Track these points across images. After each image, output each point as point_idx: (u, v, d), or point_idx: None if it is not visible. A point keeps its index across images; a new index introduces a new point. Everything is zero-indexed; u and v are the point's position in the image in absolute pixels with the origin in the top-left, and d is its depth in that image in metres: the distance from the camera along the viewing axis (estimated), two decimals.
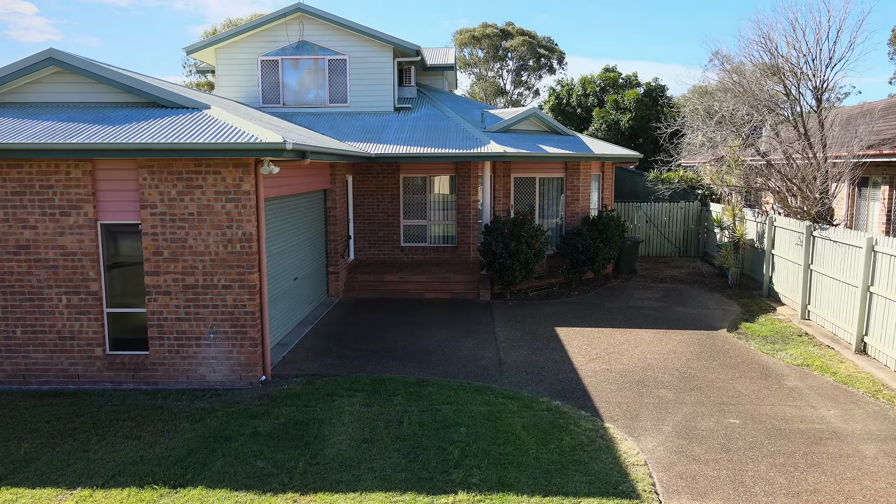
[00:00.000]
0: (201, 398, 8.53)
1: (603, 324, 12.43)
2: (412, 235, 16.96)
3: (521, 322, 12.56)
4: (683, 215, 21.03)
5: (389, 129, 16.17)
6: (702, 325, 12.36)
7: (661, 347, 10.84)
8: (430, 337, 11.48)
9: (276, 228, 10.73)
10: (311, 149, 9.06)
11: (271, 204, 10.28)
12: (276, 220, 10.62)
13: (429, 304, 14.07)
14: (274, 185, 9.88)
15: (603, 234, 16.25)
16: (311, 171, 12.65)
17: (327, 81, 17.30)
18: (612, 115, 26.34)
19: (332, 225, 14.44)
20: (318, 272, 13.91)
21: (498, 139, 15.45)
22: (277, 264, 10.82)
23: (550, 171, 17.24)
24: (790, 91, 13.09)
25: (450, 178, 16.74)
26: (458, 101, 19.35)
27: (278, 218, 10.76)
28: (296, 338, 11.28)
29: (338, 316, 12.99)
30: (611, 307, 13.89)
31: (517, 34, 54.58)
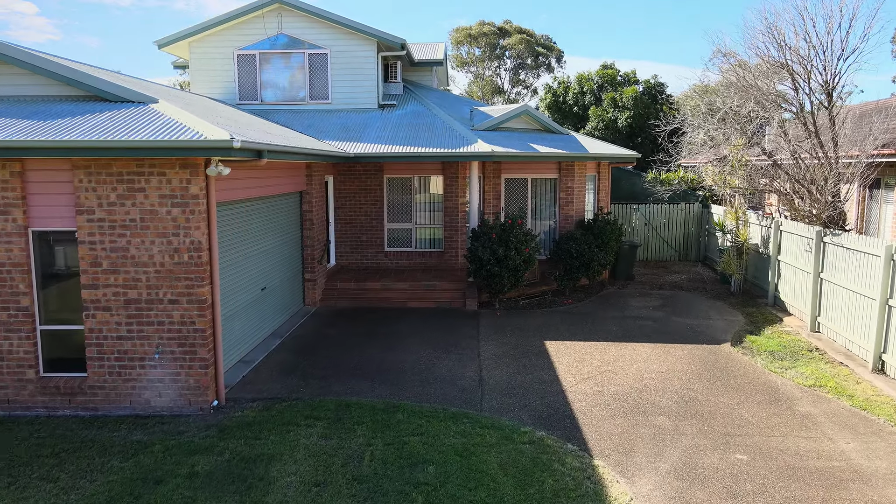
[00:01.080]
0: (142, 428, 7.60)
1: (596, 337, 11.49)
2: (397, 239, 16.03)
3: (508, 334, 11.63)
4: (683, 218, 20.11)
5: (372, 127, 15.25)
6: (703, 338, 11.43)
7: (659, 365, 9.91)
8: (408, 352, 10.55)
9: (237, 235, 9.80)
10: (268, 147, 8.13)
11: (229, 208, 9.35)
12: (236, 225, 9.68)
13: (411, 314, 13.14)
14: (230, 187, 8.94)
15: (598, 238, 15.33)
16: (283, 172, 11.73)
17: (308, 77, 16.37)
18: (610, 114, 25.41)
19: (309, 230, 13.51)
20: (293, 280, 12.98)
21: (486, 138, 14.52)
22: (239, 274, 9.89)
23: (543, 171, 16.31)
24: (799, 85, 12.14)
25: (437, 179, 15.81)
26: (446, 98, 18.43)
27: (239, 223, 9.83)
28: (262, 353, 10.35)
29: (312, 327, 12.06)
30: (605, 317, 12.96)
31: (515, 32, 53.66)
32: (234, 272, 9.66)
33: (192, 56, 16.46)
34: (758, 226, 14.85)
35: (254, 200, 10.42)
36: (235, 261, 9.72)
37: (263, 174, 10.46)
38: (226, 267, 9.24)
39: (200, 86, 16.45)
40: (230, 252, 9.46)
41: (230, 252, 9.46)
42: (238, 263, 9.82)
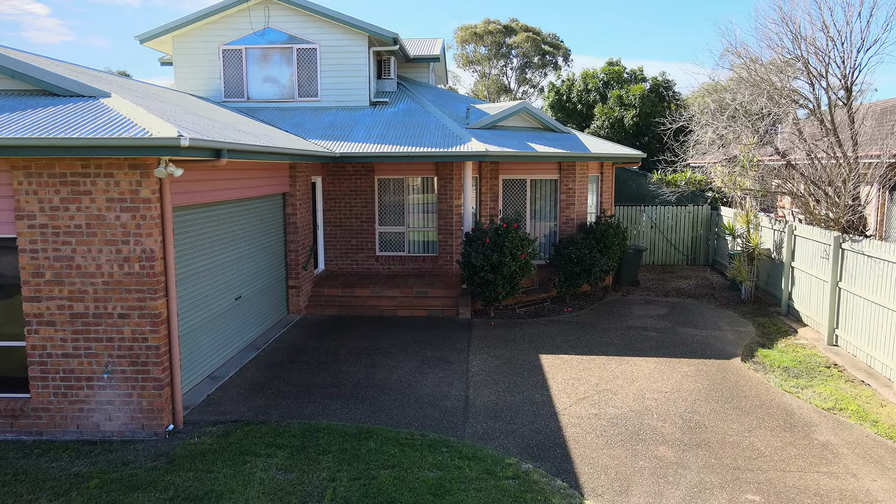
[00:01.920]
0: (86, 456, 6.86)
1: (596, 350, 10.68)
2: (389, 244, 15.27)
3: (501, 347, 10.84)
4: (692, 220, 19.23)
5: (360, 125, 14.49)
6: (712, 351, 10.59)
7: (662, 383, 9.08)
8: (391, 367, 9.78)
9: (203, 241, 9.06)
10: (228, 146, 7.38)
11: (191, 213, 8.60)
12: (201, 231, 8.94)
13: (400, 324, 12.37)
14: (190, 189, 8.19)
15: (600, 242, 14.51)
16: (260, 174, 10.99)
17: (296, 73, 15.63)
18: (616, 112, 24.54)
19: (292, 234, 12.77)
20: (275, 287, 12.24)
21: (481, 137, 13.74)
22: (207, 283, 9.15)
23: (543, 172, 15.50)
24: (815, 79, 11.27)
25: (430, 180, 15.03)
26: (442, 96, 17.66)
27: (205, 229, 9.09)
28: (233, 368, 9.60)
29: (292, 339, 11.32)
30: (607, 328, 12.14)
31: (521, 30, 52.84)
32: (200, 282, 8.92)
33: (175, 51, 15.76)
34: (770, 230, 13.98)
35: (224, 204, 9.68)
36: (203, 269, 8.98)
37: (234, 175, 9.72)
38: (188, 277, 8.50)
39: (184, 83, 15.75)
40: (195, 260, 8.71)
41: (195, 260, 8.71)
42: (205, 272, 9.08)
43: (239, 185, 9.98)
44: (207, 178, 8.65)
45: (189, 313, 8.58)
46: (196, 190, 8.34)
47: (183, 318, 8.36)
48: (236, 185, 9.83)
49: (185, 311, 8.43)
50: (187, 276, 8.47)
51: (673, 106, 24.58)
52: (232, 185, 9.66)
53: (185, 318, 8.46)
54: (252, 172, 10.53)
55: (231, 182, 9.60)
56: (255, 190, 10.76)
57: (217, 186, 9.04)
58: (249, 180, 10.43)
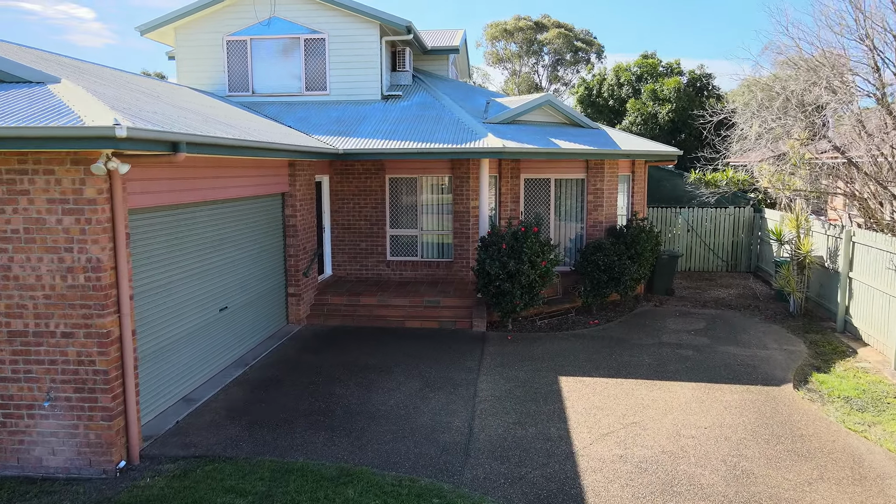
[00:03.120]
0: (20, 498, 5.89)
1: (624, 371, 9.40)
2: (401, 248, 14.18)
3: (516, 366, 9.64)
4: (732, 223, 17.71)
5: (370, 120, 13.42)
6: (758, 375, 9.23)
7: (701, 416, 7.78)
8: (389, 389, 8.67)
9: (175, 247, 8.06)
10: (188, 138, 6.33)
11: (158, 216, 7.58)
12: (171, 236, 7.94)
13: (407, 337, 11.25)
14: (152, 189, 7.15)
15: (631, 248, 13.18)
16: (251, 171, 9.99)
17: (303, 65, 14.65)
18: (649, 107, 23.05)
19: (292, 237, 11.75)
20: (271, 295, 11.24)
21: (499, 132, 12.54)
22: (182, 294, 8.15)
23: (568, 170, 14.23)
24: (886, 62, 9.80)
25: (446, 180, 13.89)
26: (460, 89, 16.49)
27: (177, 234, 8.08)
28: (213, 388, 8.60)
29: (286, 353, 10.29)
30: (637, 344, 10.83)
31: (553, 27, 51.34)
32: (172, 293, 7.93)
33: (177, 44, 14.92)
34: (823, 235, 12.47)
35: (203, 205, 8.68)
36: (175, 279, 7.99)
37: (214, 173, 8.71)
38: (154, 289, 7.50)
39: (187, 77, 14.90)
40: (163, 270, 7.71)
41: (163, 270, 7.71)
42: (178, 282, 8.09)
43: (222, 185, 8.97)
44: (176, 175, 7.63)
45: (157, 329, 7.58)
46: (160, 190, 7.32)
47: (149, 336, 7.37)
48: (218, 184, 8.82)
49: (151, 326, 7.43)
50: (153, 288, 7.47)
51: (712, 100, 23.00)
52: (212, 184, 8.65)
53: (152, 334, 7.47)
54: (239, 170, 9.53)
55: (210, 181, 8.59)
56: (244, 190, 9.76)
57: (190, 186, 8.03)
58: (236, 179, 9.42)
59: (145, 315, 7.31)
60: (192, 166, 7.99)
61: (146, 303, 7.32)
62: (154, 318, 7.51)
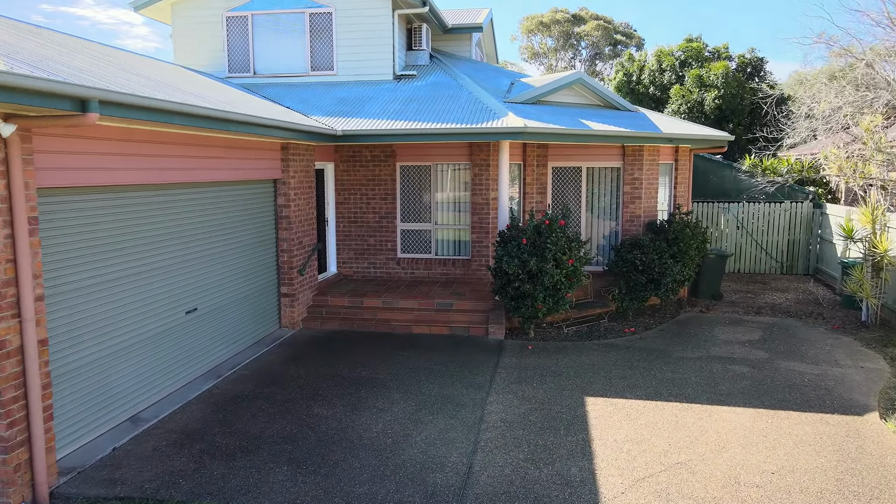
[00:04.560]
0: None
1: (666, 392, 7.77)
2: (412, 244, 12.74)
3: (535, 383, 8.09)
4: (788, 220, 15.78)
5: (377, 100, 12.01)
6: (834, 400, 7.50)
7: (767, 456, 6.12)
8: (379, 410, 7.23)
9: (121, 237, 6.76)
10: (103, 95, 4.97)
11: (91, 198, 6.27)
12: (116, 223, 6.63)
13: (413, 345, 9.80)
14: (77, 165, 5.81)
15: (674, 245, 11.48)
16: (232, 152, 8.66)
17: (308, 42, 13.33)
18: (694, 95, 21.13)
19: (285, 230, 10.42)
20: (259, 296, 9.92)
21: (521, 111, 10.99)
22: (131, 294, 6.85)
23: (603, 158, 12.59)
24: None
25: (463, 168, 12.41)
26: (482, 69, 14.97)
27: (124, 220, 6.77)
28: (171, 406, 7.27)
29: (270, 363, 8.94)
30: (681, 358, 9.17)
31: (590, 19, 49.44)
32: (118, 293, 6.62)
33: (174, 21, 13.77)
34: None
35: (165, 188, 7.36)
36: (127, 276, 6.69)
37: (182, 151, 7.39)
38: (90, 288, 6.20)
39: (185, 57, 13.74)
40: (104, 264, 6.41)
41: (104, 264, 6.41)
42: (129, 280, 6.78)
43: (190, 165, 7.65)
44: (116, 151, 6.30)
45: (93, 337, 6.28)
46: (93, 166, 6.01)
47: (79, 345, 6.07)
48: (184, 164, 7.50)
49: (83, 334, 6.13)
50: (87, 286, 6.17)
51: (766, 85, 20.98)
52: (176, 163, 7.33)
53: (84, 343, 6.17)
54: (215, 150, 8.20)
55: (174, 160, 7.26)
56: (222, 173, 8.44)
57: (144, 164, 6.71)
58: (211, 160, 8.10)
59: (74, 320, 6.01)
60: (147, 141, 6.67)
61: (74, 305, 6.02)
62: (87, 323, 6.21)
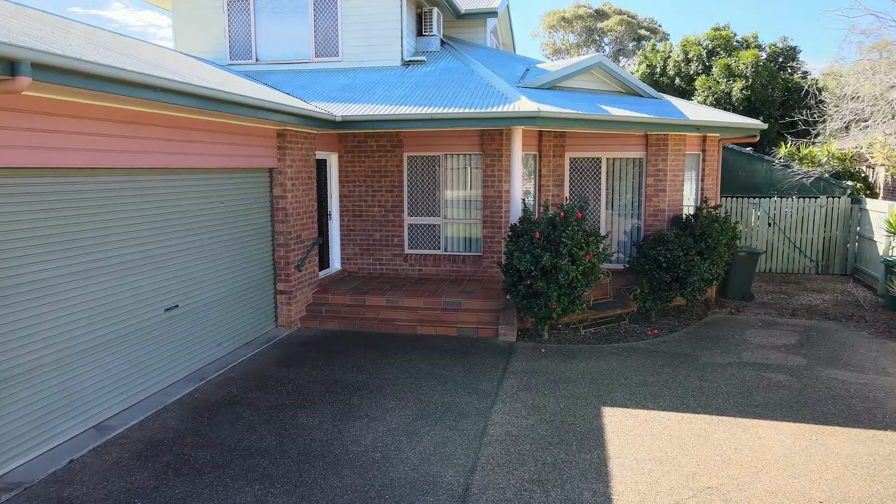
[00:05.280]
0: None
1: (693, 402, 6.95)
2: (421, 239, 12.02)
3: (546, 390, 7.31)
4: (823, 216, 14.76)
5: (381, 86, 11.30)
6: (885, 414, 6.61)
7: (812, 481, 5.28)
8: (372, 418, 6.51)
9: (96, 226, 6.12)
10: (34, 58, 4.30)
11: (50, 181, 5.64)
12: (86, 211, 6.00)
13: (416, 347, 9.07)
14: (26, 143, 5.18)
15: (701, 241, 10.61)
16: (220, 137, 8.01)
17: (312, 27, 12.67)
18: (722, 85, 20.11)
19: (282, 222, 9.76)
20: (252, 292, 9.27)
21: (534, 96, 10.21)
22: (99, 287, 6.22)
23: (624, 147, 11.76)
24: None
25: (474, 159, 11.66)
26: (496, 57, 14.19)
27: (98, 208, 6.14)
28: (144, 412, 6.63)
29: (259, 365, 8.28)
30: (710, 364, 8.32)
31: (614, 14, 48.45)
32: (81, 288, 5.99)
33: (175, 6, 13.20)
34: None
35: (140, 173, 6.72)
36: (93, 268, 6.06)
37: (160, 134, 6.74)
38: (45, 282, 5.57)
39: (185, 42, 13.17)
40: (62, 255, 5.78)
41: (62, 255, 5.78)
42: (96, 273, 6.15)
43: (168, 150, 7.00)
44: (75, 129, 5.66)
45: (47, 337, 5.66)
46: (47, 145, 5.36)
47: (32, 346, 5.44)
48: (161, 147, 6.85)
49: (34, 332, 5.51)
50: (40, 279, 5.54)
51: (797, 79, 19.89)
52: (151, 146, 6.68)
53: (36, 344, 5.54)
54: (197, 134, 7.55)
55: (149, 143, 6.62)
56: (207, 159, 7.79)
57: (111, 146, 6.07)
58: (192, 145, 7.45)
59: (22, 318, 5.38)
60: (118, 120, 6.02)
61: (23, 301, 5.39)
62: (39, 320, 5.58)
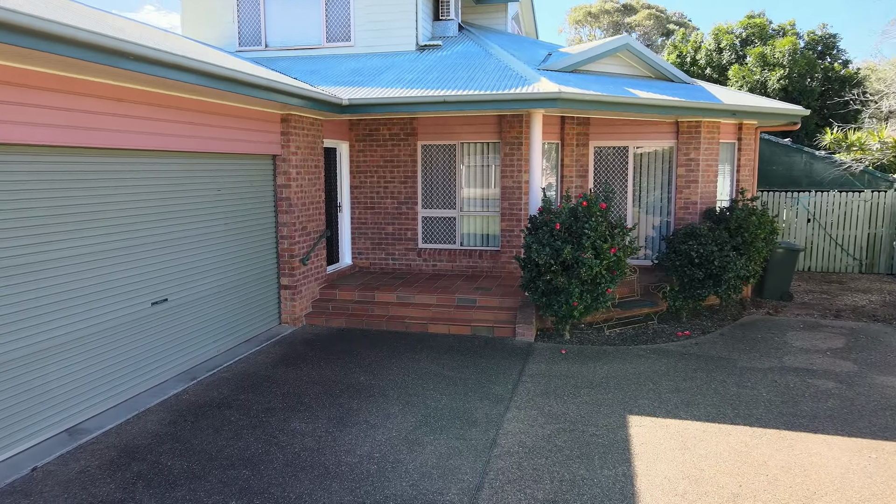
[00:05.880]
0: None
1: (732, 412, 6.19)
2: (435, 233, 11.38)
3: (567, 396, 6.61)
4: (868, 212, 13.78)
5: (393, 70, 10.68)
6: None
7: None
8: (371, 425, 5.88)
9: (73, 211, 5.59)
10: None
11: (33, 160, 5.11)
12: (60, 194, 5.47)
13: (427, 346, 8.43)
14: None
15: (737, 236, 9.80)
16: (222, 121, 7.46)
17: (323, 11, 12.11)
18: (756, 75, 19.11)
19: (286, 213, 9.20)
20: (253, 287, 8.71)
21: (555, 79, 9.50)
22: (73, 277, 5.68)
23: (653, 135, 10.98)
24: None
25: (492, 148, 10.99)
26: (518, 42, 13.48)
27: (73, 191, 5.61)
28: (125, 414, 6.09)
29: (256, 365, 7.70)
30: (749, 368, 7.54)
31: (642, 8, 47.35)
32: (51, 278, 5.47)
33: None
34: None
35: (124, 154, 6.18)
36: (65, 257, 5.53)
37: (150, 113, 6.19)
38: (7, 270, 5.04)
39: (193, 30, 12.70)
40: (28, 241, 5.25)
41: (28, 241, 5.25)
42: (69, 262, 5.62)
43: (156, 130, 6.45)
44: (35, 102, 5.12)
45: (15, 332, 5.13)
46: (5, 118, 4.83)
47: None
48: (151, 128, 6.30)
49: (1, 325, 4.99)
50: (5, 267, 5.02)
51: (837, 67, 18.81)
52: (132, 125, 6.13)
53: (6, 338, 5.01)
54: (191, 115, 7.00)
55: (137, 122, 6.07)
56: (203, 142, 7.24)
57: (91, 123, 5.52)
58: (186, 126, 6.90)
59: None
60: (97, 95, 5.47)
61: None
62: (2, 312, 5.05)
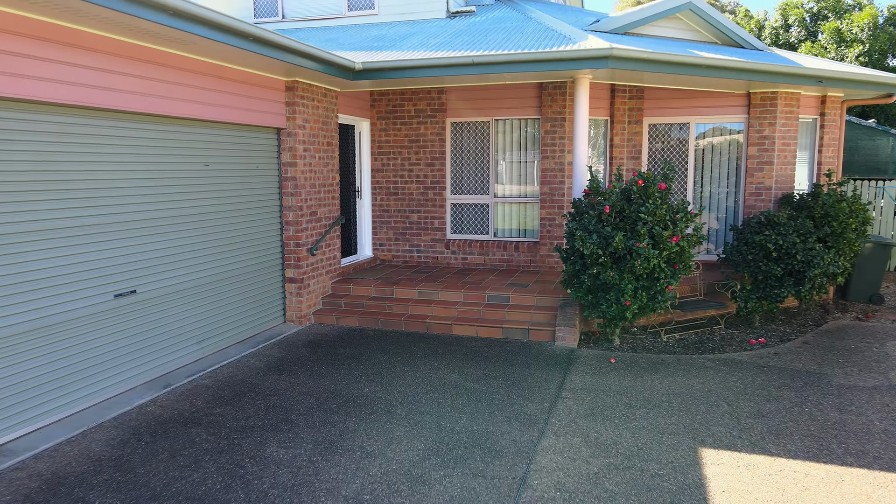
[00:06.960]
0: None
1: (837, 447, 4.71)
2: (465, 222, 10.10)
3: (618, 419, 5.23)
4: None
5: (418, 36, 9.42)
6: None
7: None
8: (368, 453, 4.63)
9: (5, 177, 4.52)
10: None
11: None
12: None
13: (450, 352, 7.14)
14: None
15: (823, 226, 8.21)
16: (218, 83, 6.34)
17: None
18: (831, 53, 17.17)
19: (292, 195, 8.04)
20: (251, 279, 7.58)
21: (606, 38, 8.09)
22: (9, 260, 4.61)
23: (719, 110, 9.45)
24: None
25: (531, 125, 9.64)
26: (562, 8, 12.04)
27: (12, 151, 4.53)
28: (68, 431, 4.98)
29: (244, 371, 6.55)
30: (847, 387, 6.00)
31: None
32: None
33: None
34: None
35: (86, 113, 5.08)
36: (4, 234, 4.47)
37: (122, 67, 5.07)
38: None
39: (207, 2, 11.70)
40: None
41: None
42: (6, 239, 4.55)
43: (119, 86, 5.34)
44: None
45: None
46: None
47: None
48: (98, 79, 5.19)
49: None
50: None
51: None
52: (83, 76, 5.02)
53: None
54: (176, 73, 5.88)
55: (82, 72, 4.96)
56: (177, 105, 6.11)
57: (43, 72, 4.42)
58: (152, 83, 5.77)
59: None
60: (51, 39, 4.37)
61: None
62: None
